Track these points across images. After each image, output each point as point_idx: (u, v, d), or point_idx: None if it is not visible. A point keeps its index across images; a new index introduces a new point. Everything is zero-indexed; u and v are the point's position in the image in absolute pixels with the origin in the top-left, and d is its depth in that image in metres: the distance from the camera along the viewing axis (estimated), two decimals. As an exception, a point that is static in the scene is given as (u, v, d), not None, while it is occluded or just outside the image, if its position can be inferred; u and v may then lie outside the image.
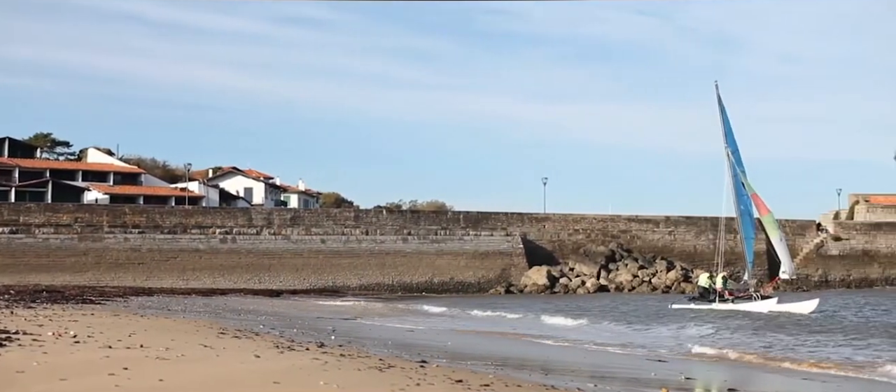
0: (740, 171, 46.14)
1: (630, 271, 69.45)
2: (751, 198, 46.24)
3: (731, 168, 46.03)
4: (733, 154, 46.06)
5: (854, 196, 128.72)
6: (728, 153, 46.13)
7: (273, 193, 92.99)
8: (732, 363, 21.57)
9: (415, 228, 71.26)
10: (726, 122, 46.48)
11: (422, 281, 68.56)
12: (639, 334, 31.02)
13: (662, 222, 75.85)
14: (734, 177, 46.14)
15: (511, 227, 72.75)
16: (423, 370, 15.89)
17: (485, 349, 24.59)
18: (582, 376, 18.15)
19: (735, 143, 46.48)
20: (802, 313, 38.76)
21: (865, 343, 26.98)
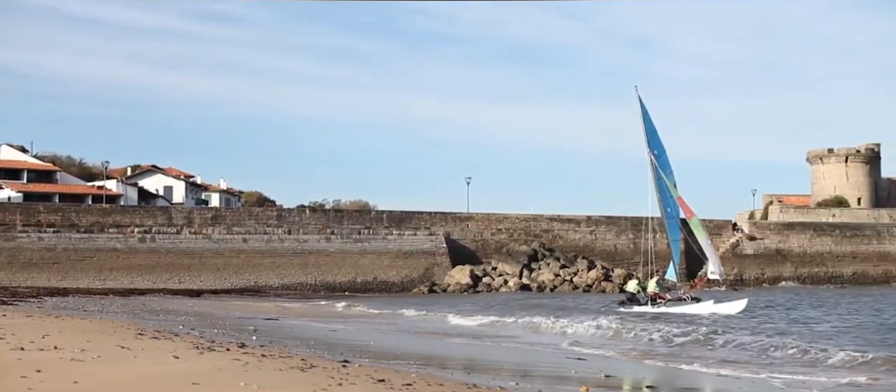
0: (665, 174, 45.64)
1: (552, 270, 70.16)
2: (676, 201, 46.19)
3: (655, 171, 45.63)
4: (659, 157, 45.54)
5: (768, 196, 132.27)
6: (651, 157, 45.77)
7: (194, 192, 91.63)
8: (651, 362, 21.95)
9: (338, 228, 70.94)
10: (649, 125, 46.01)
11: (345, 281, 68.28)
12: (558, 333, 31.39)
13: (584, 222, 76.83)
14: (658, 180, 45.76)
15: (434, 226, 72.92)
16: (346, 370, 15.85)
17: (408, 347, 24.62)
18: (504, 374, 18.29)
19: (661, 145, 46.02)
20: (732, 313, 39.42)
21: (783, 342, 27.74)
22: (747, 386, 17.47)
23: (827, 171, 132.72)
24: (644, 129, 45.96)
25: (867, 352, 21.71)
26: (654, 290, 43.03)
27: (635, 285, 44.33)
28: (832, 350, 22.35)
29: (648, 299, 42.25)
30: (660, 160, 45.63)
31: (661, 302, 41.99)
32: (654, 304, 41.72)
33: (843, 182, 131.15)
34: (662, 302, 42.02)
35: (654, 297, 42.28)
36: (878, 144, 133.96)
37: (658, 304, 41.65)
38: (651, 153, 45.70)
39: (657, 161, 45.54)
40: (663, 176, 45.79)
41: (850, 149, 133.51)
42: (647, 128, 45.91)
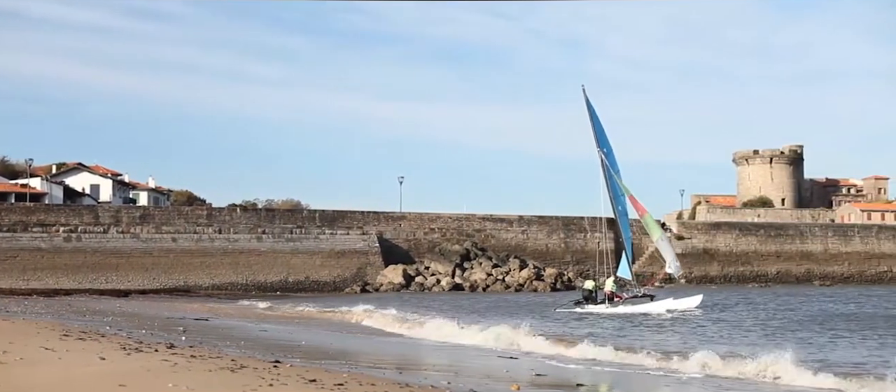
0: (615, 173, 45.45)
1: (484, 270, 70.46)
2: (628, 199, 46.10)
3: (605, 169, 45.34)
4: (608, 155, 45.19)
5: (696, 197, 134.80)
6: (601, 155, 45.40)
7: (121, 191, 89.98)
8: (582, 361, 22.18)
9: (270, 227, 70.32)
10: (597, 124, 45.56)
11: (276, 280, 67.70)
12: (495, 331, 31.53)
13: (516, 222, 77.34)
14: (610, 178, 45.42)
15: (367, 225, 72.72)
16: (277, 370, 15.74)
17: (340, 347, 24.53)
18: (436, 374, 18.35)
19: (609, 144, 45.71)
20: (689, 308, 39.94)
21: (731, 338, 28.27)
22: (676, 384, 17.77)
23: (752, 172, 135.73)
24: (593, 128, 45.45)
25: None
26: (611, 288, 42.78)
27: (592, 284, 44.10)
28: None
29: (605, 298, 42.06)
30: (609, 158, 45.22)
31: (618, 301, 41.83)
32: (611, 302, 41.53)
33: (767, 183, 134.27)
34: (620, 301, 41.85)
35: (612, 296, 42.11)
36: (802, 146, 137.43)
37: (615, 303, 41.49)
38: (601, 152, 45.29)
39: (607, 159, 45.04)
40: (613, 174, 45.23)
41: (775, 150, 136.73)
42: (595, 127, 45.40)
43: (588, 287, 43.71)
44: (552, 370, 19.45)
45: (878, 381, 16.98)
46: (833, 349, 24.28)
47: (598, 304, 41.81)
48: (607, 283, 43.20)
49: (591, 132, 45.67)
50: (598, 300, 42.24)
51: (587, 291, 43.19)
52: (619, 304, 41.43)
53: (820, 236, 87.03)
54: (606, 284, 43.22)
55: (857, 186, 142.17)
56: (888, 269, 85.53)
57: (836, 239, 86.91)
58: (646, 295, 42.85)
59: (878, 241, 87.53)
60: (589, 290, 43.26)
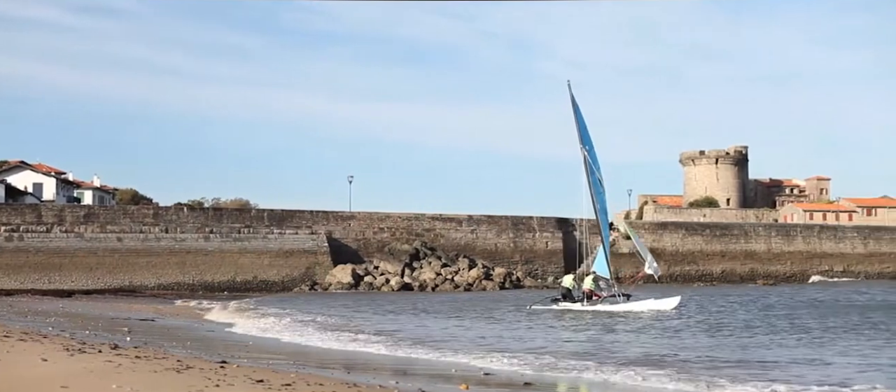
0: (596, 170, 44.82)
1: (433, 269, 70.48)
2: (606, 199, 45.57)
3: (587, 167, 44.67)
4: (590, 152, 44.53)
5: (643, 197, 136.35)
6: (584, 153, 44.70)
7: (65, 189, 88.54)
8: (534, 360, 22.30)
9: (217, 226, 69.64)
10: (581, 121, 44.77)
11: (224, 280, 67.07)
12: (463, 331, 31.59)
13: (465, 221, 77.47)
14: (592, 176, 44.85)
15: (316, 225, 72.35)
16: (224, 370, 15.62)
17: (288, 347, 24.41)
18: (384, 373, 18.34)
19: (591, 142, 44.94)
20: (667, 309, 39.65)
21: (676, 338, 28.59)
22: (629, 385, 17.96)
23: (698, 172, 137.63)
24: (576, 125, 44.81)
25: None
26: (591, 287, 42.07)
27: (571, 281, 43.41)
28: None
29: (584, 296, 41.53)
30: (591, 156, 44.64)
31: (597, 299, 41.27)
32: (590, 301, 41.04)
33: (713, 183, 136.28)
34: (599, 299, 41.30)
35: (590, 295, 41.52)
36: (746, 147, 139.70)
37: (594, 302, 40.98)
38: (584, 149, 44.63)
39: (589, 157, 44.46)
40: (595, 172, 44.65)
41: (721, 151, 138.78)
42: (579, 123, 44.80)
43: (566, 285, 43.09)
44: (501, 369, 19.52)
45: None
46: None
47: (576, 301, 41.31)
48: (586, 281, 42.45)
49: (575, 129, 44.88)
50: (576, 298, 41.73)
51: (565, 289, 42.62)
52: (597, 303, 40.87)
53: (764, 236, 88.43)
54: (586, 282, 42.44)
55: (799, 187, 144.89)
56: (829, 268, 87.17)
57: (780, 239, 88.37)
58: (623, 294, 42.14)
59: (819, 241, 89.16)
60: (567, 287, 42.68)
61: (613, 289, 42.78)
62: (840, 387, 16.69)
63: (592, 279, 42.51)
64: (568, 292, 42.36)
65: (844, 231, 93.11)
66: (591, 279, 42.41)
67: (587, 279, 42.54)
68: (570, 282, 43.30)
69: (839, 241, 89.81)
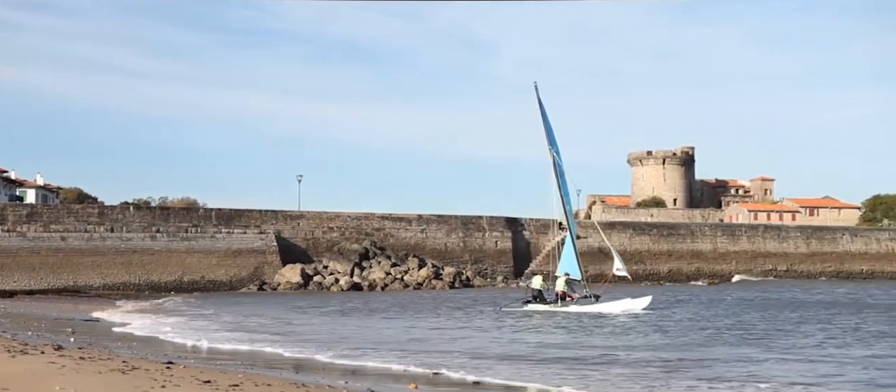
0: (562, 172, 44.87)
1: (383, 269, 70.30)
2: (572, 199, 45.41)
3: (556, 169, 44.57)
4: (557, 154, 44.41)
5: (592, 196, 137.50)
6: (553, 154, 44.48)
7: (7, 188, 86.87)
8: (484, 362, 22.39)
9: (164, 226, 68.78)
10: (547, 122, 44.64)
11: (171, 280, 66.25)
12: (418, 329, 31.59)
13: (415, 221, 77.41)
14: (561, 177, 44.73)
15: (265, 224, 71.79)
16: (170, 371, 15.47)
17: (237, 347, 24.23)
18: (333, 373, 18.30)
19: (556, 143, 44.77)
20: (638, 310, 39.69)
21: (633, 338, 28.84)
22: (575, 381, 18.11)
23: (646, 172, 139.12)
24: (544, 127, 44.70)
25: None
26: (563, 288, 41.38)
27: (542, 282, 42.77)
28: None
29: (557, 297, 41.04)
30: (559, 157, 44.61)
31: (570, 300, 40.87)
32: (563, 302, 40.65)
33: (660, 183, 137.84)
34: (571, 301, 40.87)
35: (563, 296, 40.98)
36: (693, 147, 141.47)
37: (567, 303, 40.60)
38: (552, 151, 44.49)
39: (557, 158, 44.36)
40: (563, 174, 44.59)
41: (668, 151, 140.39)
42: (545, 125, 44.69)
43: (536, 286, 42.37)
44: (451, 370, 19.58)
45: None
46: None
47: (548, 303, 40.89)
48: (559, 282, 41.70)
49: (542, 131, 44.73)
50: (548, 299, 41.26)
51: (536, 290, 41.97)
52: (570, 304, 40.53)
53: (709, 236, 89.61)
54: (558, 283, 41.76)
55: (744, 187, 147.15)
56: (773, 267, 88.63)
57: (725, 238, 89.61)
58: (593, 295, 41.79)
59: (763, 241, 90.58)
60: (538, 289, 42.02)
61: (585, 290, 42.42)
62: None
63: (565, 281, 41.79)
64: (539, 293, 41.76)
65: (788, 231, 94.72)
66: (563, 281, 41.71)
67: (560, 280, 41.84)
68: (540, 283, 42.62)
69: (783, 241, 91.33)
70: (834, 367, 19.65)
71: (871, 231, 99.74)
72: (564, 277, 41.83)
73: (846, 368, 19.56)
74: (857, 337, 27.25)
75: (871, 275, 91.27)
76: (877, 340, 26.17)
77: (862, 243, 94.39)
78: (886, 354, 22.47)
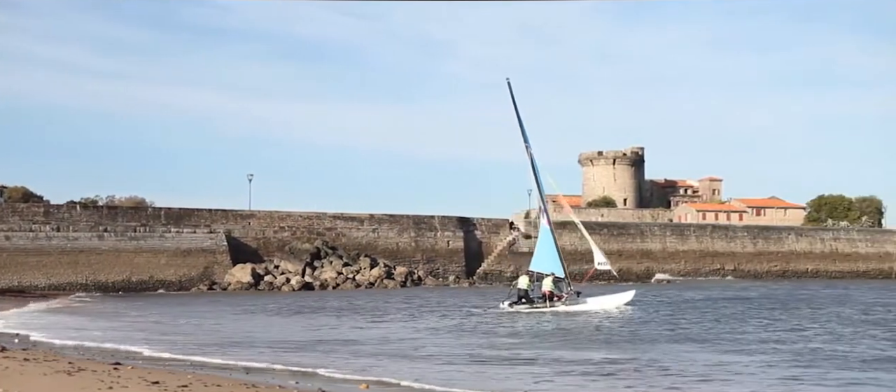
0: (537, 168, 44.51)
1: (335, 269, 70.03)
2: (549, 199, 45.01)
3: (534, 166, 44.25)
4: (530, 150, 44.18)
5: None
6: (530, 152, 44.23)
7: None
8: (436, 363, 22.41)
9: (112, 225, 67.82)
10: (520, 121, 44.30)
11: (119, 280, 65.38)
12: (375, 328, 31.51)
13: (367, 220, 77.18)
14: (538, 174, 44.43)
15: (215, 224, 71.11)
16: (117, 372, 15.30)
17: (187, 348, 24.01)
18: (283, 374, 18.24)
19: (528, 141, 44.46)
20: (620, 306, 39.86)
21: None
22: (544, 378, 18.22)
23: (596, 172, 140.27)
24: (519, 124, 44.34)
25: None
26: (550, 288, 40.84)
27: (527, 282, 41.80)
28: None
29: (545, 297, 40.56)
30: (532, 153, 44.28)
31: (558, 300, 40.49)
32: (550, 302, 40.27)
33: (611, 183, 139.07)
34: (559, 301, 40.53)
35: (550, 296, 40.55)
36: (642, 148, 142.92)
37: (554, 303, 40.24)
38: (528, 148, 44.29)
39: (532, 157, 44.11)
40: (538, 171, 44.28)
41: (618, 152, 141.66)
42: (520, 123, 44.37)
43: (522, 286, 41.51)
44: (400, 370, 19.60)
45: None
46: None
47: (534, 303, 40.42)
48: (546, 282, 41.09)
49: (518, 128, 44.38)
50: (534, 299, 40.72)
51: (523, 291, 41.13)
52: (559, 304, 40.23)
53: (659, 235, 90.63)
54: (545, 283, 41.15)
55: (693, 187, 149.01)
56: (721, 267, 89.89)
57: (674, 238, 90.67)
58: (575, 292, 41.43)
59: (711, 240, 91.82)
60: (524, 289, 41.23)
61: (570, 288, 41.97)
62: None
63: (552, 280, 41.19)
64: (525, 293, 41.07)
65: (735, 231, 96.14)
66: (550, 280, 41.11)
67: (546, 280, 41.25)
68: (526, 283, 41.76)
69: (730, 241, 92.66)
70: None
71: (816, 231, 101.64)
72: (550, 278, 41.13)
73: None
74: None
75: (816, 274, 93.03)
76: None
77: (807, 243, 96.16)
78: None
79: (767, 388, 16.79)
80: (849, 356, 21.60)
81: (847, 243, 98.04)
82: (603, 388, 17.02)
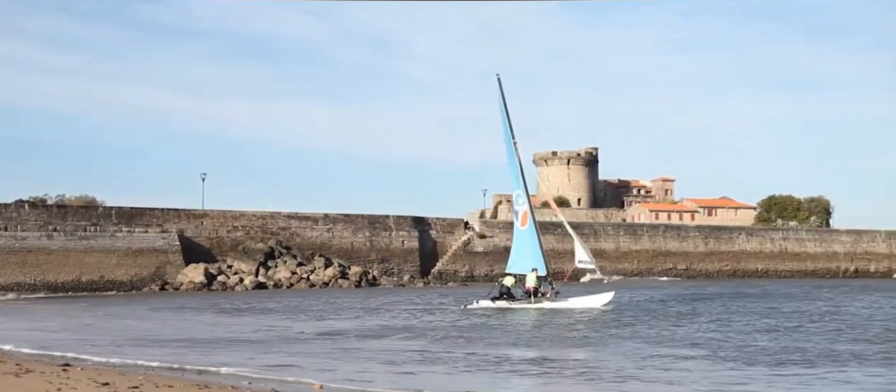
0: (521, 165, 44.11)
1: (289, 268, 69.65)
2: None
3: (520, 163, 43.92)
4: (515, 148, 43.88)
5: (498, 196, 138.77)
6: (516, 149, 43.88)
7: None
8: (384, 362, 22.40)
9: (61, 224, 66.84)
10: (507, 118, 43.81)
11: (68, 280, 64.45)
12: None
13: (321, 220, 76.88)
14: (522, 171, 44.04)
15: (167, 223, 70.37)
16: (66, 374, 15.10)
17: (141, 349, 23.76)
18: (237, 375, 18.12)
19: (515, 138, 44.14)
20: (598, 306, 39.45)
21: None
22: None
23: (551, 172, 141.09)
24: (507, 121, 43.91)
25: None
26: (534, 285, 40.44)
27: (512, 280, 41.49)
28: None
29: (530, 294, 40.18)
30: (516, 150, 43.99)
31: (543, 297, 40.24)
32: (536, 298, 39.95)
33: (565, 183, 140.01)
34: (544, 297, 40.27)
35: (535, 292, 40.18)
36: (596, 148, 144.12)
37: (539, 299, 39.98)
38: (515, 145, 43.93)
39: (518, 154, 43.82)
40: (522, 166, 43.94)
41: (572, 152, 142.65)
42: (507, 120, 43.96)
43: (508, 283, 41.24)
44: (356, 371, 19.56)
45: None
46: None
47: (518, 300, 40.25)
48: (530, 279, 40.73)
49: (505, 124, 43.98)
50: (517, 297, 40.56)
51: (506, 288, 40.96)
52: (544, 301, 40.03)
53: (612, 235, 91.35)
54: (529, 280, 40.78)
55: (646, 188, 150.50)
56: (673, 266, 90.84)
57: (627, 237, 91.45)
58: (555, 291, 41.23)
59: (664, 240, 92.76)
60: (508, 286, 41.03)
61: (552, 287, 41.71)
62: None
63: (536, 277, 40.87)
64: (508, 290, 40.95)
65: (687, 230, 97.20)
66: (534, 277, 40.81)
67: (530, 276, 40.94)
68: (511, 280, 41.53)
69: (682, 241, 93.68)
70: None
71: (766, 231, 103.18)
72: (534, 274, 40.90)
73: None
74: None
75: (766, 273, 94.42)
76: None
77: (757, 243, 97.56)
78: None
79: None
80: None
81: (796, 243, 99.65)
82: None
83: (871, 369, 18.83)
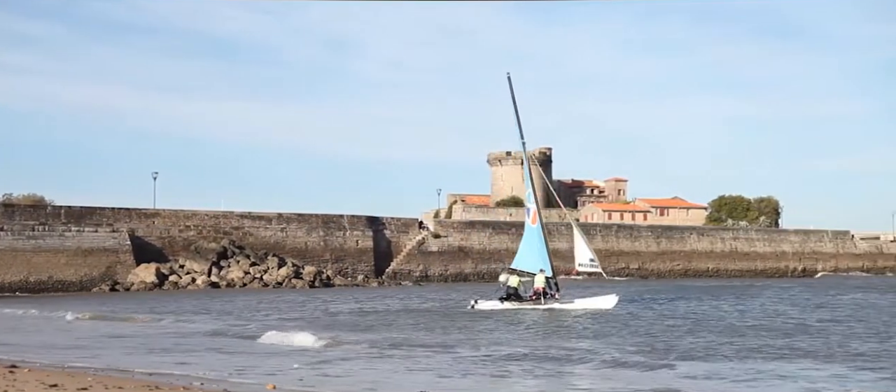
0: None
1: (242, 268, 69.14)
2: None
3: (530, 162, 43.48)
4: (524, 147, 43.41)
5: (452, 196, 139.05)
6: (524, 148, 43.51)
7: None
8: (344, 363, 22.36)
9: (9, 223, 65.70)
10: (518, 117, 43.29)
11: (15, 280, 63.38)
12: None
13: (275, 219, 76.42)
14: (530, 172, 43.45)
15: (118, 222, 69.50)
16: (13, 375, 14.86)
17: (91, 350, 23.46)
18: (189, 375, 17.97)
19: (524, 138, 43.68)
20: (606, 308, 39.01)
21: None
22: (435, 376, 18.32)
23: (505, 172, 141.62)
24: (517, 119, 43.46)
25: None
26: (542, 285, 39.82)
27: (517, 280, 40.77)
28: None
29: (539, 295, 39.63)
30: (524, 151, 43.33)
31: (551, 298, 39.67)
32: (544, 299, 39.41)
33: (519, 183, 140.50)
34: (553, 298, 39.70)
35: (544, 293, 39.62)
36: (550, 148, 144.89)
37: (548, 301, 39.41)
38: (523, 144, 43.57)
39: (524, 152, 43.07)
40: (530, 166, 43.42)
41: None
42: (517, 118, 43.45)
43: (513, 284, 40.57)
44: (313, 372, 19.51)
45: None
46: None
47: (524, 300, 39.75)
48: (538, 279, 40.05)
49: (516, 123, 43.64)
50: (523, 297, 40.02)
51: (513, 289, 40.30)
52: (550, 301, 39.50)
53: (566, 235, 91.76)
54: (537, 280, 40.11)
55: (599, 188, 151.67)
56: (626, 266, 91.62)
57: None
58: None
59: (617, 240, 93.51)
60: (514, 287, 40.40)
61: (558, 287, 41.14)
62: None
63: (545, 278, 40.32)
64: (515, 291, 40.35)
65: (639, 230, 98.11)
66: (542, 278, 40.25)
67: (538, 277, 40.35)
68: (516, 281, 40.86)
69: (635, 240, 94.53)
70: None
71: (717, 230, 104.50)
72: (542, 275, 40.33)
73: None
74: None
75: (716, 273, 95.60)
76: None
77: (708, 242, 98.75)
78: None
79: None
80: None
81: (746, 242, 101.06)
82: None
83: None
